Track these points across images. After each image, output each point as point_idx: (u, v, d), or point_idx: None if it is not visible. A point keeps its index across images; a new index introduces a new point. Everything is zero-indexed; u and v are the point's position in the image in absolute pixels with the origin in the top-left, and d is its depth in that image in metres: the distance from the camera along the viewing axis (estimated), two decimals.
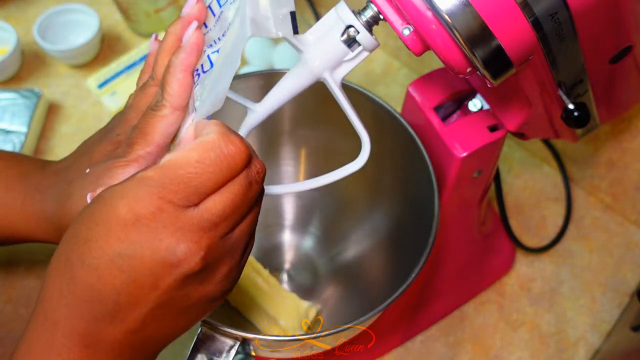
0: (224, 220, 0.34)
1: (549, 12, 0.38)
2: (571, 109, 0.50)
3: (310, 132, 0.68)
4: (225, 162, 0.34)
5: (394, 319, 0.66)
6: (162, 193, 0.33)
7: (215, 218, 0.34)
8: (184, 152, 0.33)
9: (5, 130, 0.76)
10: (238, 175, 0.35)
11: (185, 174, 0.33)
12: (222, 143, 0.34)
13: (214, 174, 0.33)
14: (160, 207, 0.33)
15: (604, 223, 0.78)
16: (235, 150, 0.34)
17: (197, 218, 0.33)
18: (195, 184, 0.33)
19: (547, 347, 0.69)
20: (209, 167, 0.33)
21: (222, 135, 0.34)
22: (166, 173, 0.33)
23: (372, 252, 0.68)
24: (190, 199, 0.33)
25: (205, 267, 0.34)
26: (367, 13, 0.42)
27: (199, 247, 0.33)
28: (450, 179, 0.57)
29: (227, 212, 0.34)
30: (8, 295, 0.68)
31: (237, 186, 0.34)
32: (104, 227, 0.33)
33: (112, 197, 0.33)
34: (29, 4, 0.92)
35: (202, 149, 0.33)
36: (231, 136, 0.34)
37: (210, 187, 0.34)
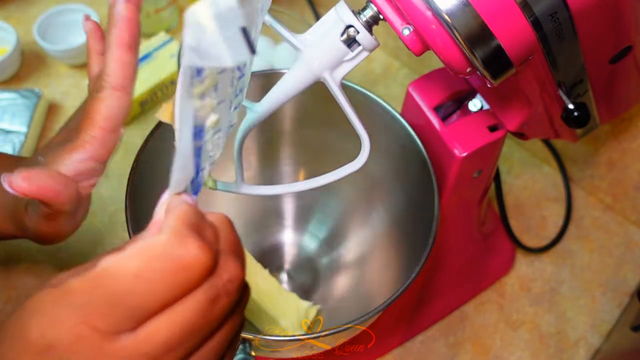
0: (171, 351, 0.26)
1: (549, 12, 0.38)
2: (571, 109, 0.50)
3: (310, 132, 0.68)
4: (176, 275, 0.26)
5: (394, 319, 0.66)
6: (87, 315, 0.25)
7: (156, 350, 0.26)
8: (121, 260, 0.26)
9: (5, 130, 0.76)
10: (196, 290, 0.27)
11: (118, 291, 0.25)
12: (173, 248, 0.26)
13: (158, 292, 0.26)
14: (81, 335, 0.25)
15: (604, 223, 0.78)
16: (191, 258, 0.26)
17: (129, 350, 0.26)
18: (131, 304, 0.26)
19: (547, 347, 0.69)
20: (150, 282, 0.26)
21: (176, 237, 0.26)
22: (95, 287, 0.26)
23: (372, 252, 0.68)
24: (122, 324, 0.26)
25: None
26: (366, 13, 0.42)
27: None
28: (450, 179, 0.57)
29: (174, 339, 0.26)
30: (8, 295, 0.68)
31: (193, 304, 0.26)
32: (13, 351, 0.27)
33: (28, 310, 0.27)
34: (29, 4, 0.92)
35: (145, 256, 0.26)
36: (189, 238, 0.26)
37: (153, 308, 0.26)
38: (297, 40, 0.42)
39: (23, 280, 0.69)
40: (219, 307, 0.27)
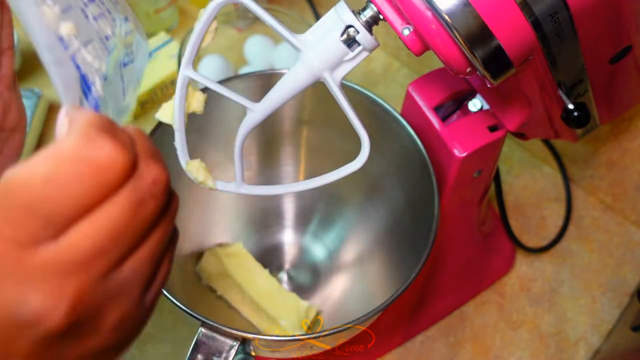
0: (99, 257, 0.25)
1: (549, 12, 0.38)
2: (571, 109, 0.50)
3: (310, 132, 0.68)
4: (92, 176, 0.24)
5: (394, 319, 0.66)
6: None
7: (84, 256, 0.25)
8: (28, 167, 0.24)
9: None
10: (119, 191, 0.25)
11: (29, 199, 0.24)
12: (84, 149, 0.25)
13: (74, 196, 0.24)
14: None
15: (604, 223, 0.78)
16: (106, 157, 0.25)
17: (53, 259, 0.24)
18: (45, 212, 0.24)
19: (547, 347, 0.69)
20: (63, 186, 0.24)
21: (85, 137, 0.25)
22: (2, 199, 0.24)
23: (372, 252, 0.68)
24: (40, 233, 0.24)
25: (78, 322, 0.25)
26: (366, 13, 0.42)
27: (60, 299, 0.24)
28: (450, 179, 0.57)
29: (103, 245, 0.25)
30: None
31: (117, 207, 0.25)
32: None
33: None
34: None
35: (54, 160, 0.24)
36: (100, 137, 0.25)
37: (72, 213, 0.25)
38: (297, 40, 0.42)
39: None
40: (146, 211, 0.26)
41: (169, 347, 0.66)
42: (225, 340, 0.48)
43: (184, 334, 0.67)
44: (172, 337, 0.67)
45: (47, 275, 0.24)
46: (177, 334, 0.67)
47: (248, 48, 0.84)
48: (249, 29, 0.87)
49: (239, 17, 0.87)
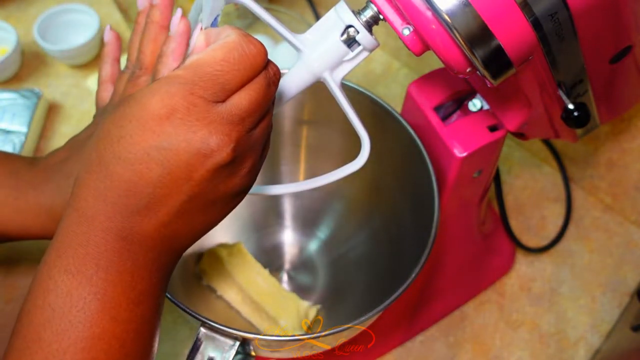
0: (249, 116, 0.36)
1: (549, 12, 0.38)
2: (571, 109, 0.50)
3: (310, 132, 0.68)
4: (247, 61, 0.35)
5: (394, 319, 0.66)
6: (194, 89, 0.34)
7: (242, 113, 0.35)
8: (209, 52, 0.35)
9: (5, 130, 0.76)
10: (258, 75, 0.36)
11: (213, 72, 0.35)
12: (243, 43, 0.35)
13: (238, 72, 0.35)
14: (193, 102, 0.34)
15: (604, 223, 0.78)
16: (256, 50, 0.36)
17: (226, 112, 0.35)
18: (222, 80, 0.35)
19: (547, 347, 0.69)
20: (233, 65, 0.35)
21: (243, 37, 0.36)
22: (195, 71, 0.34)
23: (372, 252, 0.68)
24: (218, 95, 0.35)
25: (235, 159, 0.36)
26: (367, 13, 0.42)
27: (230, 139, 0.35)
28: (450, 179, 0.57)
29: (252, 108, 0.36)
30: (9, 295, 0.68)
31: (258, 85, 0.36)
32: (137, 123, 0.34)
33: (143, 95, 0.34)
34: (29, 4, 0.92)
35: (227, 48, 0.35)
36: (251, 37, 0.36)
37: (236, 84, 0.35)
38: (297, 40, 0.42)
39: (23, 280, 0.69)
40: (271, 91, 0.37)
41: (168, 347, 0.66)
42: (225, 340, 0.48)
43: (184, 334, 0.67)
44: (172, 337, 0.67)
45: (222, 122, 0.35)
46: (177, 334, 0.67)
47: None
48: (249, 29, 0.87)
49: (239, 17, 0.87)
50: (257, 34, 0.85)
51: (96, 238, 0.35)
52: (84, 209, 0.35)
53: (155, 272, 0.37)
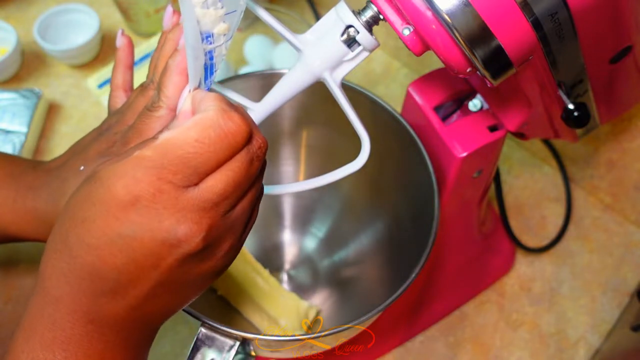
0: (225, 199, 0.34)
1: (549, 12, 0.38)
2: (571, 109, 0.50)
3: (310, 132, 0.68)
4: (225, 140, 0.33)
5: (394, 319, 0.66)
6: (161, 174, 0.32)
7: (216, 197, 0.33)
8: (182, 131, 0.33)
9: (5, 130, 0.76)
10: (239, 153, 0.34)
11: (184, 154, 0.33)
12: (221, 120, 0.33)
13: (214, 153, 0.33)
14: (160, 188, 0.32)
15: (604, 223, 0.78)
16: (236, 127, 0.33)
17: (197, 198, 0.33)
18: (194, 163, 0.33)
19: (547, 347, 0.69)
20: (208, 146, 0.33)
21: (222, 112, 0.33)
22: (164, 153, 0.33)
23: (372, 252, 0.68)
24: (189, 179, 0.33)
25: (206, 247, 0.34)
26: (367, 13, 0.42)
27: (200, 228, 0.33)
28: (450, 179, 0.57)
29: (228, 190, 0.34)
30: (8, 295, 0.68)
31: (238, 164, 0.34)
32: (101, 207, 0.33)
33: (109, 177, 0.33)
34: (29, 4, 0.92)
35: (201, 127, 0.33)
36: (231, 112, 0.34)
37: (211, 166, 0.33)
38: (297, 40, 0.42)
39: (23, 280, 0.69)
40: (254, 168, 0.35)
41: (168, 347, 0.66)
42: (225, 340, 0.48)
43: (184, 334, 0.67)
44: (172, 337, 0.67)
45: (192, 209, 0.33)
46: (177, 334, 0.67)
47: (248, 48, 0.84)
48: (249, 29, 0.87)
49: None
50: (257, 34, 0.85)
51: (62, 321, 0.34)
52: (49, 289, 0.34)
53: (131, 349, 0.36)
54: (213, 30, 0.36)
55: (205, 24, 0.35)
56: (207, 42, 0.36)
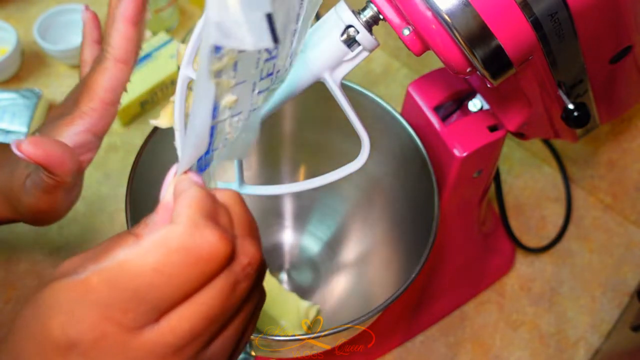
0: (194, 340, 0.26)
1: (549, 12, 0.38)
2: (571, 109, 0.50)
3: (310, 132, 0.68)
4: (194, 267, 0.25)
5: (394, 319, 0.66)
6: (107, 312, 0.25)
7: (180, 340, 0.26)
8: (138, 254, 0.25)
9: (5, 130, 0.76)
10: (215, 279, 0.26)
11: (139, 287, 0.25)
12: (190, 240, 0.25)
13: (178, 286, 0.25)
14: (104, 332, 0.25)
15: (604, 223, 0.78)
16: (209, 249, 0.26)
17: (154, 342, 0.26)
18: (152, 298, 0.25)
19: (547, 347, 0.69)
20: (170, 277, 0.25)
21: (192, 227, 0.26)
22: (114, 284, 0.25)
23: (372, 252, 0.68)
24: (145, 317, 0.26)
25: None
26: (366, 13, 0.42)
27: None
28: (450, 179, 0.57)
29: (198, 329, 0.26)
30: (8, 296, 0.68)
31: (214, 292, 0.26)
32: (36, 345, 0.26)
33: (48, 306, 0.26)
34: (29, 4, 0.92)
35: (163, 250, 0.25)
36: (205, 229, 0.26)
37: (174, 299, 0.26)
38: None
39: (23, 280, 0.69)
40: (239, 291, 0.27)
41: None
42: None
43: None
44: None
45: (145, 358, 0.25)
46: None
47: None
48: None
49: None
50: None
51: None
52: None
53: None
54: (220, 101, 0.31)
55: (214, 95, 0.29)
56: (213, 116, 0.30)
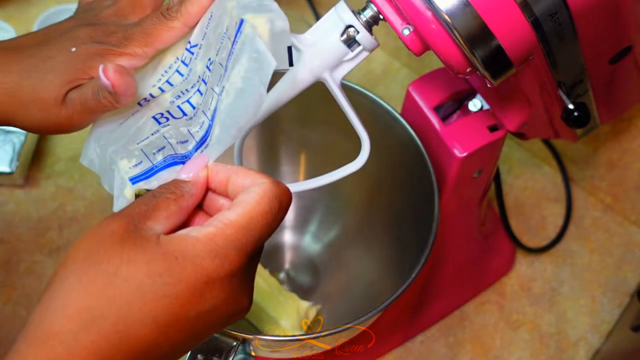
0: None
1: (549, 12, 0.38)
2: (571, 109, 0.50)
3: (310, 132, 0.68)
4: (287, 205, 0.36)
5: (394, 319, 0.66)
6: (243, 250, 0.34)
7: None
8: (252, 206, 0.34)
9: (5, 130, 0.76)
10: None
11: (262, 227, 0.34)
12: (278, 190, 0.35)
13: (278, 222, 0.35)
14: (243, 264, 0.34)
15: (604, 223, 0.78)
16: (288, 192, 0.36)
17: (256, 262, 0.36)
18: (266, 235, 0.35)
19: (547, 347, 0.69)
20: (276, 215, 0.35)
21: (275, 183, 0.35)
22: (247, 230, 0.34)
23: (372, 252, 0.68)
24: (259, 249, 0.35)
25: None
26: (366, 13, 0.42)
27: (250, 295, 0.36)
28: (450, 179, 0.57)
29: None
30: (8, 296, 0.68)
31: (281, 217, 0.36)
32: (187, 285, 0.32)
33: (198, 256, 0.33)
34: (29, 4, 0.92)
35: (267, 198, 0.34)
36: (279, 182, 0.36)
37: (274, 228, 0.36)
38: (297, 40, 0.42)
39: (23, 281, 0.69)
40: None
41: None
42: (225, 340, 0.48)
43: None
44: None
45: (249, 282, 0.36)
46: None
47: None
48: None
49: None
50: None
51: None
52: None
53: None
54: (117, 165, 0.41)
55: None
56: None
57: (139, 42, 0.41)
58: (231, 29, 0.38)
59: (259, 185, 0.35)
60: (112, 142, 0.42)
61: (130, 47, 0.41)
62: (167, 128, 0.41)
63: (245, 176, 0.36)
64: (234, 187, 0.36)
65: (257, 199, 0.34)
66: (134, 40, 0.41)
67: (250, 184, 0.35)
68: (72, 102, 0.42)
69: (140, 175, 0.40)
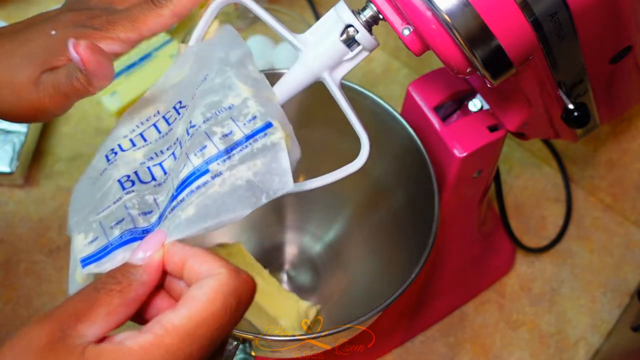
0: None
1: (549, 12, 0.38)
2: (571, 109, 0.50)
3: (310, 132, 0.68)
4: (248, 299, 0.34)
5: (394, 319, 0.66)
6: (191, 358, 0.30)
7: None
8: (202, 305, 0.30)
9: (5, 130, 0.76)
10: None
11: (212, 330, 0.30)
12: (237, 281, 0.32)
13: (239, 316, 0.33)
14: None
15: (604, 223, 0.78)
16: (251, 283, 0.34)
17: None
18: (223, 335, 0.31)
19: (547, 347, 0.69)
20: (234, 312, 0.32)
21: (233, 272, 0.32)
22: (192, 336, 0.30)
23: (372, 252, 0.68)
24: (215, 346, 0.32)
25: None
26: (366, 13, 0.42)
27: None
28: (450, 179, 0.57)
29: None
30: (8, 296, 0.68)
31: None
32: None
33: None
34: (29, 4, 0.92)
35: (221, 295, 0.31)
36: (241, 272, 0.33)
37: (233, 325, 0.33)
38: (297, 40, 0.42)
39: (23, 280, 0.69)
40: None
41: None
42: None
43: None
44: None
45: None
46: None
47: None
48: (249, 29, 0.87)
49: (239, 17, 0.87)
50: (257, 34, 0.85)
51: None
52: None
53: None
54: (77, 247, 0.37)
55: None
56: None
57: (124, 27, 0.40)
58: (240, 115, 0.37)
59: (215, 277, 0.31)
60: (79, 209, 0.39)
61: (113, 31, 0.40)
62: (130, 196, 0.37)
63: (202, 262, 0.32)
64: (190, 274, 0.32)
65: (210, 296, 0.30)
66: (118, 25, 0.40)
67: (206, 273, 0.31)
68: (44, 85, 0.40)
69: (94, 254, 0.36)
